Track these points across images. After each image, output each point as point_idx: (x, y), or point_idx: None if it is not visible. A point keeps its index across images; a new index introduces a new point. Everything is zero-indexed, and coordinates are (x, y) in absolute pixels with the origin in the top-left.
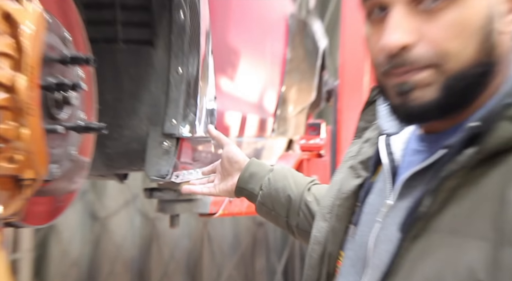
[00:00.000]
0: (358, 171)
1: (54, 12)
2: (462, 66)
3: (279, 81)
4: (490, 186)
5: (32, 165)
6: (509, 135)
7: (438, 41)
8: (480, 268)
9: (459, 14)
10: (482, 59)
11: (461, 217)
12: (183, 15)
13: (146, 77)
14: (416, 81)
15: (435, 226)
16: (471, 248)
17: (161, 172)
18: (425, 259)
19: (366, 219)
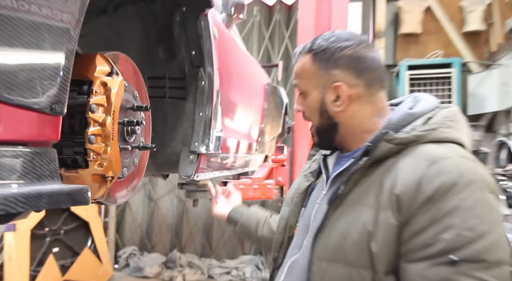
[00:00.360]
0: (308, 178)
1: (130, 80)
2: (317, 124)
3: (260, 121)
4: (376, 177)
5: (112, 168)
6: (386, 150)
7: (306, 111)
8: (369, 223)
9: (307, 101)
10: (325, 122)
11: (360, 195)
12: (203, 83)
13: (181, 118)
14: (311, 129)
15: (346, 201)
16: (364, 212)
17: (188, 174)
18: (340, 220)
19: (310, 203)
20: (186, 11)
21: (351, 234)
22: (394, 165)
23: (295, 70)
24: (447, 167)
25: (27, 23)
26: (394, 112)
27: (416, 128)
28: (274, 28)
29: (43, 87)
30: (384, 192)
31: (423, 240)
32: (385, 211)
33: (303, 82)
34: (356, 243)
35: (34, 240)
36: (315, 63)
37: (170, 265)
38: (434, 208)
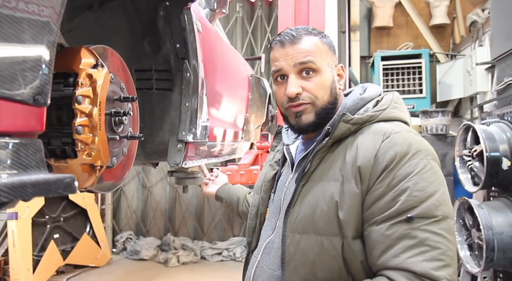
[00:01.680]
0: (274, 167)
1: (117, 73)
2: (323, 103)
3: (245, 110)
4: (337, 154)
5: (100, 158)
6: (345, 129)
7: (312, 91)
8: (335, 194)
9: (320, 79)
10: (332, 100)
11: (325, 171)
12: (188, 74)
13: (168, 108)
14: (303, 110)
15: (312, 178)
16: (330, 185)
17: (176, 161)
18: (309, 194)
19: (279, 189)
20: (169, 5)
21: (320, 205)
22: (353, 142)
23: (305, 48)
24: (398, 139)
25: (6, 16)
26: (348, 97)
27: (368, 109)
28: (256, 23)
29: (25, 79)
30: (347, 166)
31: (383, 203)
32: (349, 182)
33: (317, 59)
34: (325, 213)
35: (36, 227)
36: (325, 44)
37: (165, 248)
38: (390, 175)
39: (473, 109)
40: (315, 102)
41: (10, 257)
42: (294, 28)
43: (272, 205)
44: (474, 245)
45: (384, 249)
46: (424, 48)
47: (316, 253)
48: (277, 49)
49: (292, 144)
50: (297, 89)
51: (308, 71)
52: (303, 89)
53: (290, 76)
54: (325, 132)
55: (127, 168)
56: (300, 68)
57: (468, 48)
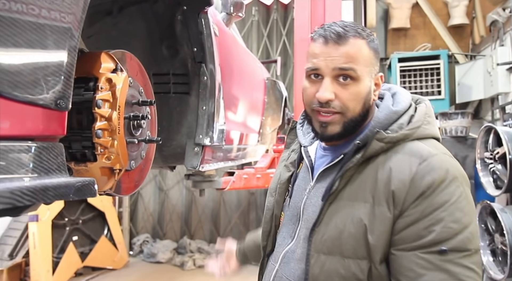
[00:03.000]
0: (289, 168)
1: (135, 77)
2: (354, 115)
3: (261, 113)
4: (368, 174)
5: (119, 161)
6: (378, 148)
7: (344, 100)
8: (365, 217)
9: (357, 89)
10: (363, 112)
11: (354, 191)
12: (205, 78)
13: (185, 112)
14: (330, 120)
15: (340, 197)
16: (359, 207)
17: (194, 165)
18: (336, 215)
19: (296, 194)
20: (187, 10)
21: (347, 227)
22: (386, 162)
23: (349, 53)
24: (435, 163)
25: (31, 23)
26: (380, 110)
27: (402, 126)
28: (272, 27)
29: (48, 84)
30: (379, 188)
31: (416, 231)
32: (380, 206)
33: (359, 67)
34: (353, 236)
35: (55, 229)
36: (371, 51)
37: (181, 251)
38: (425, 203)
39: (494, 110)
40: (345, 113)
41: (31, 259)
42: (342, 24)
43: (288, 210)
44: (498, 251)
45: (414, 277)
46: (443, 49)
47: (341, 276)
48: (318, 45)
49: (310, 146)
50: (331, 95)
51: (346, 77)
52: (336, 96)
53: (326, 79)
54: (355, 148)
55: (145, 172)
56: (339, 73)
57: (488, 48)
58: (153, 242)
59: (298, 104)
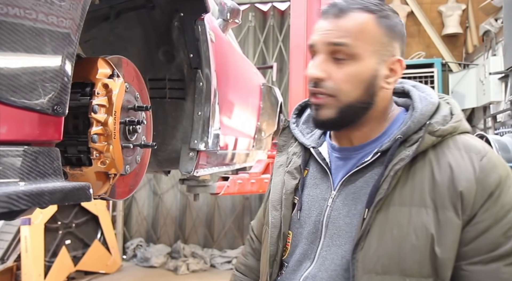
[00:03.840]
0: (294, 175)
1: (131, 82)
2: (350, 100)
3: (256, 119)
4: (420, 172)
5: (114, 166)
6: (430, 142)
7: (337, 81)
8: (430, 225)
9: (353, 68)
10: (364, 99)
11: (405, 194)
12: (201, 83)
13: (181, 117)
14: (323, 104)
15: (390, 202)
16: (419, 213)
17: (188, 170)
18: (388, 224)
19: (309, 206)
20: (184, 16)
21: (409, 239)
22: (441, 159)
23: (346, 26)
24: (495, 159)
25: (29, 29)
26: (417, 100)
27: (447, 119)
28: (268, 32)
29: (45, 89)
30: (440, 189)
31: (492, 239)
32: (446, 210)
33: (359, 44)
34: (417, 249)
35: (48, 233)
36: (380, 27)
37: (175, 255)
38: (497, 204)
39: (487, 119)
40: (338, 96)
41: (23, 263)
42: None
43: (299, 226)
44: None
45: None
46: (437, 57)
47: None
48: (319, 21)
49: (320, 147)
50: (319, 72)
51: (341, 56)
52: (329, 76)
53: (318, 55)
54: (398, 143)
55: (140, 176)
56: (332, 49)
57: (481, 58)
58: (146, 246)
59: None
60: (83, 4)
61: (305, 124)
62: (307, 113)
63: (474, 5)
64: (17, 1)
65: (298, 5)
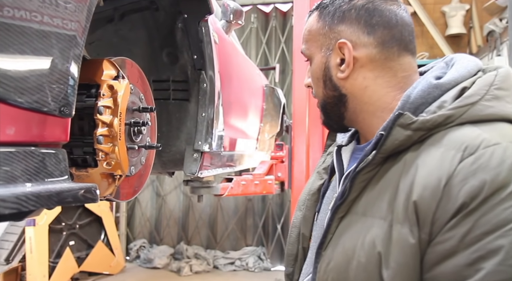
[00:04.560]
0: (321, 175)
1: (136, 83)
2: (321, 99)
3: (259, 120)
4: (391, 177)
5: (120, 167)
6: (402, 137)
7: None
8: (379, 242)
9: (312, 69)
10: (329, 94)
11: (371, 201)
12: (205, 85)
13: (185, 118)
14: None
15: (354, 209)
16: (374, 226)
17: (192, 171)
18: (345, 234)
19: (323, 208)
20: (188, 18)
21: (357, 254)
22: (414, 160)
23: (304, 34)
24: (490, 158)
25: (36, 31)
26: (416, 84)
27: (444, 105)
28: (270, 34)
29: (52, 91)
30: (399, 198)
31: (454, 269)
32: (400, 225)
33: (308, 45)
34: (363, 267)
35: (52, 234)
36: (320, 20)
37: (178, 257)
38: (469, 221)
39: None
40: (317, 97)
41: (27, 263)
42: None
43: (315, 229)
44: None
45: None
46: (440, 57)
47: None
48: None
49: (346, 146)
50: (306, 80)
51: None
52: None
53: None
54: (376, 140)
55: (144, 177)
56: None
57: (485, 58)
58: (149, 248)
59: (297, 111)
60: (89, 6)
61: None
62: None
63: (478, 5)
64: (25, 4)
65: (301, 7)
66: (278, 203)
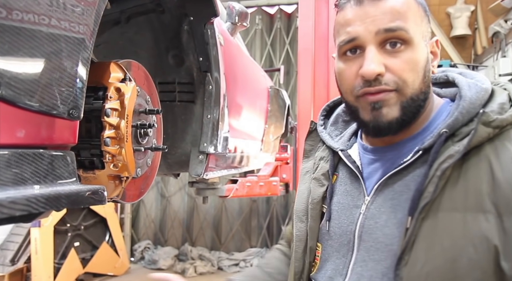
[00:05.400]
0: (321, 181)
1: (142, 86)
2: (414, 91)
3: (264, 121)
4: (474, 172)
5: (127, 169)
6: (486, 134)
7: (399, 72)
8: (493, 235)
9: (412, 55)
10: (424, 88)
11: (457, 197)
12: (210, 87)
13: (190, 120)
14: (385, 99)
15: (437, 207)
16: (479, 220)
17: (198, 172)
18: (438, 233)
19: (339, 216)
20: (194, 20)
21: (465, 252)
22: (502, 154)
23: (394, 7)
24: None
25: (46, 35)
26: (465, 87)
27: (504, 106)
28: (275, 35)
29: (61, 94)
30: (505, 190)
31: None
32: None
33: (411, 25)
34: (476, 265)
35: (57, 235)
36: (420, 5)
37: (182, 258)
38: None
39: None
40: (402, 90)
41: (33, 264)
42: None
43: (329, 238)
44: None
45: None
46: (445, 59)
47: None
48: (350, 8)
49: (350, 149)
50: (379, 67)
51: (395, 43)
52: (386, 68)
53: (369, 48)
54: (443, 138)
55: (150, 179)
56: (385, 37)
57: (490, 59)
58: (154, 249)
59: (302, 112)
60: (97, 10)
61: (333, 125)
62: (335, 114)
63: (483, 6)
64: (34, 8)
65: (306, 8)
66: (282, 204)
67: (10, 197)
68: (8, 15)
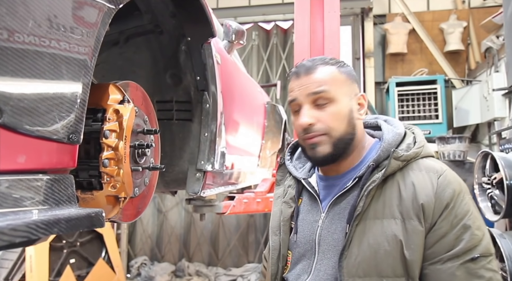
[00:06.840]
0: (290, 204)
1: (140, 106)
2: (341, 133)
3: (261, 137)
4: (390, 191)
5: (124, 189)
6: (395, 166)
7: (327, 121)
8: (399, 233)
9: (335, 108)
10: (350, 130)
11: (378, 209)
12: (208, 105)
13: (188, 138)
14: (319, 142)
15: (366, 217)
16: (390, 224)
17: (195, 190)
18: (365, 234)
19: (303, 229)
20: (191, 41)
21: (382, 246)
22: (406, 179)
23: (319, 78)
24: (449, 177)
25: (48, 61)
26: (386, 132)
27: (410, 146)
28: (271, 51)
29: (61, 119)
30: (406, 203)
31: (447, 242)
32: (411, 220)
33: (332, 88)
34: (389, 254)
35: (53, 252)
36: (342, 74)
37: (179, 274)
38: (452, 214)
39: (491, 135)
40: (330, 133)
41: None
42: (311, 59)
43: (296, 247)
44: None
45: None
46: (439, 74)
47: None
48: (293, 80)
49: (310, 178)
50: (310, 119)
51: (321, 101)
52: (317, 120)
53: (304, 106)
54: (371, 169)
55: (148, 198)
56: (314, 98)
57: (484, 74)
58: (151, 265)
59: None
60: (97, 36)
61: (297, 160)
62: (298, 151)
63: (475, 22)
64: (36, 31)
65: (302, 24)
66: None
67: (10, 224)
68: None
